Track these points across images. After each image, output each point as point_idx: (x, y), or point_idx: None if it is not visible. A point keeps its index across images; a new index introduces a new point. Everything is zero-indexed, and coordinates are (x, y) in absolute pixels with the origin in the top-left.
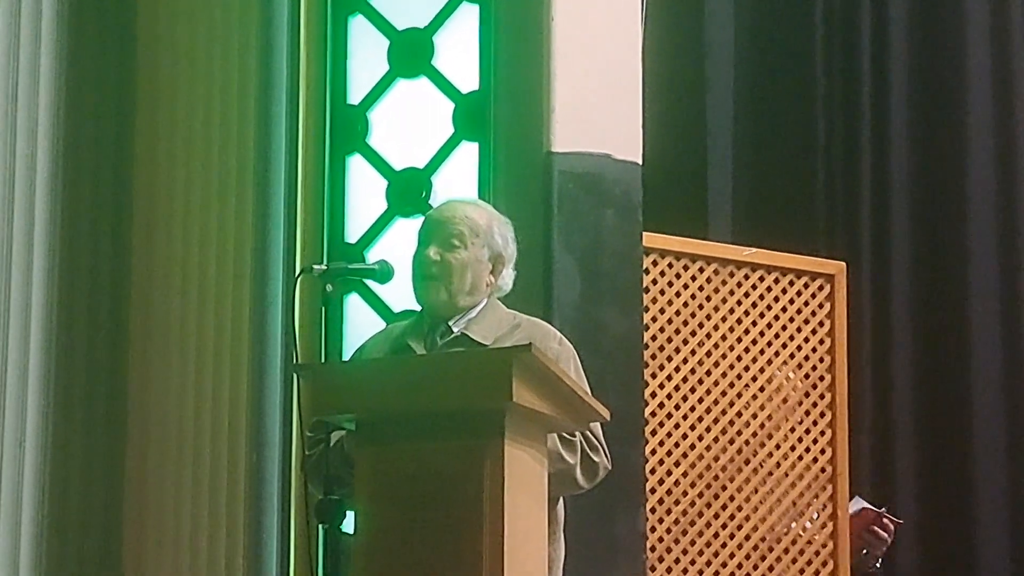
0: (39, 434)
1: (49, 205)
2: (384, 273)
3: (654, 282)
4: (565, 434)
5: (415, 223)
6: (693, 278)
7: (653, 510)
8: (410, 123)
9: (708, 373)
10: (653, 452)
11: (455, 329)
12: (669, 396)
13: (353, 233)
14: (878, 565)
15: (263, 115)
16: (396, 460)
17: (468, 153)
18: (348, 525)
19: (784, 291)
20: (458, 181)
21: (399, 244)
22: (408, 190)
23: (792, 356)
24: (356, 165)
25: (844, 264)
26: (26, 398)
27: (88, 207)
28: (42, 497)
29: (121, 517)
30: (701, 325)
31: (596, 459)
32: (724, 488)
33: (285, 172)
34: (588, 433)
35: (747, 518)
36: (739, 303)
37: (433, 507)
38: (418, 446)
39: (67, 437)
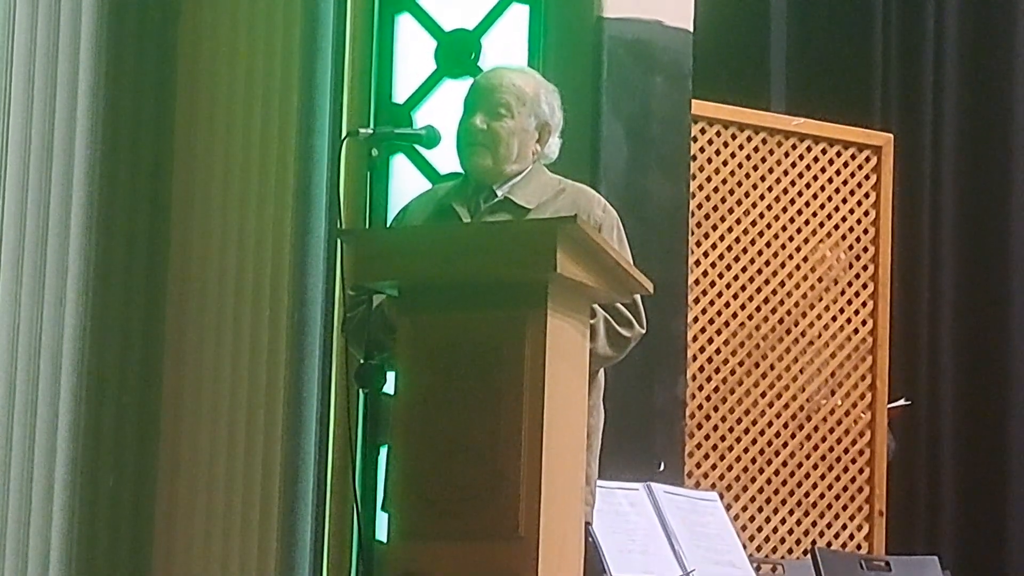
0: (80, 297)
1: (93, 73)
2: (431, 138)
3: (701, 150)
4: None
5: (463, 85)
6: (740, 147)
7: (693, 378)
8: None
9: (752, 242)
10: (695, 320)
11: (499, 193)
12: (713, 265)
13: (401, 94)
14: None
15: None
16: (438, 328)
17: (518, 15)
18: (388, 387)
19: (831, 162)
20: (507, 44)
21: (447, 105)
22: (457, 51)
23: (837, 227)
24: (405, 24)
25: (891, 136)
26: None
27: (132, 64)
28: (81, 356)
29: (161, 375)
30: (747, 194)
31: (626, 333)
32: (764, 357)
33: (333, 30)
34: (619, 306)
35: (786, 387)
36: (786, 173)
37: (474, 376)
38: (460, 315)
39: (106, 300)
